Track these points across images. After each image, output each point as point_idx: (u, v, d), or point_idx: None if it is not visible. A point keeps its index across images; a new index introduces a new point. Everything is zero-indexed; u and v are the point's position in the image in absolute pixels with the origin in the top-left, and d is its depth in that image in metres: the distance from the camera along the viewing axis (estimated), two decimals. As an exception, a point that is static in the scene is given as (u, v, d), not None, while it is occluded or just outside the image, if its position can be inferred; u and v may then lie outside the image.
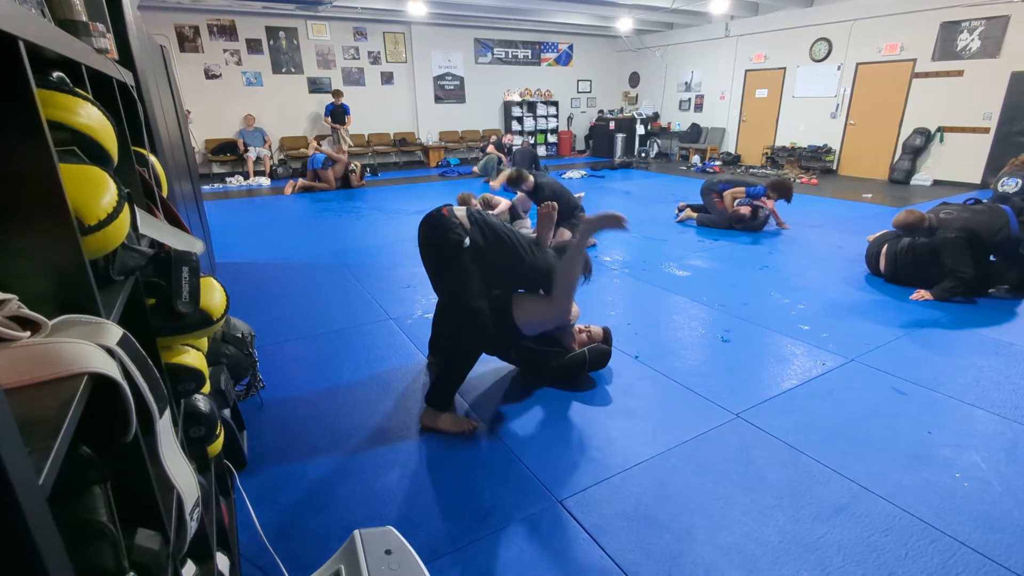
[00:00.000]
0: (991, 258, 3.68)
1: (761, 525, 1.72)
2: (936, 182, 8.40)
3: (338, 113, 9.54)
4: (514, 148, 9.35)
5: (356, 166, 8.63)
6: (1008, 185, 6.08)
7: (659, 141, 12.62)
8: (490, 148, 9.63)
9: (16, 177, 0.61)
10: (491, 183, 6.75)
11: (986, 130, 7.87)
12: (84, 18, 1.08)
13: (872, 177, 9.13)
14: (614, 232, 5.50)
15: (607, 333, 2.72)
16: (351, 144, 10.06)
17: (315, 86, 10.14)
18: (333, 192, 8.29)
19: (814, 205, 6.87)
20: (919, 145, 8.42)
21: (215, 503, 1.35)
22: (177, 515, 0.86)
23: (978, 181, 7.97)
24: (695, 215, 5.90)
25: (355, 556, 1.14)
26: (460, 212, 2.34)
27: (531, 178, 5.16)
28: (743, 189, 5.59)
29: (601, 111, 13.35)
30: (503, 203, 5.97)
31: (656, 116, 12.72)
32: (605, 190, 8.31)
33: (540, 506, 1.82)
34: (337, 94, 9.54)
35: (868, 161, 9.23)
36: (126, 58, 1.61)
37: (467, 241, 2.24)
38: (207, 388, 1.41)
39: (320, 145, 8.80)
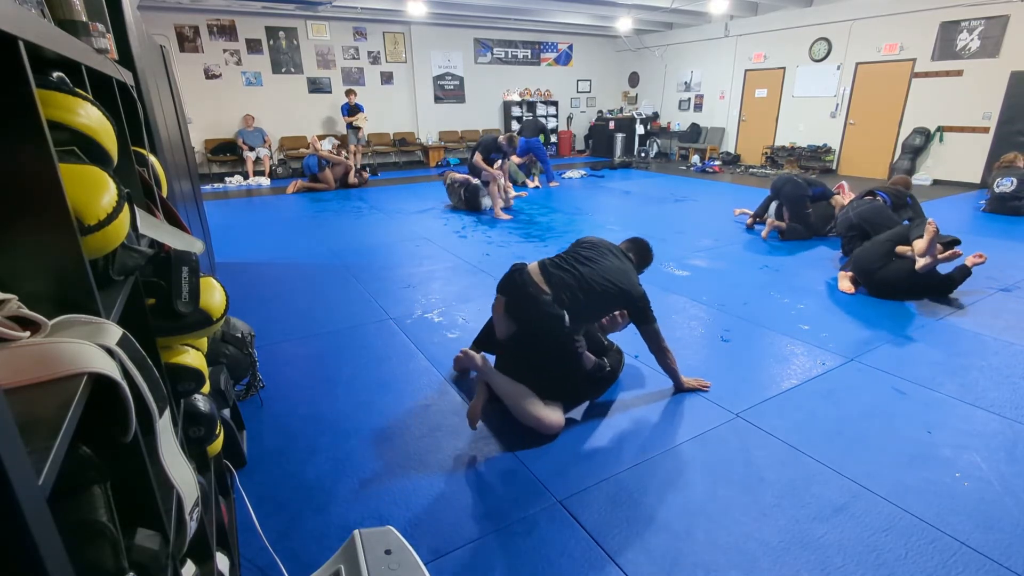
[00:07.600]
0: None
1: (761, 525, 1.72)
2: (936, 182, 8.40)
3: (353, 111, 9.64)
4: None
5: (356, 169, 8.67)
6: (1004, 185, 6.10)
7: (659, 141, 12.62)
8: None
9: (16, 177, 0.61)
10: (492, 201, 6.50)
11: (986, 130, 7.87)
12: (84, 18, 1.08)
13: (872, 177, 9.11)
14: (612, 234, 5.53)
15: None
16: (368, 141, 10.21)
17: (315, 86, 10.14)
18: (333, 192, 8.29)
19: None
20: (919, 145, 8.42)
21: (215, 503, 1.35)
22: (177, 515, 0.86)
23: (978, 181, 7.98)
24: (780, 225, 5.16)
25: (355, 556, 1.14)
26: (533, 269, 2.10)
27: (515, 138, 6.59)
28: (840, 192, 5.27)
29: (601, 111, 13.34)
30: (496, 172, 6.49)
31: (656, 116, 12.71)
32: (605, 190, 8.31)
33: (540, 506, 1.82)
34: (350, 93, 9.59)
35: (868, 161, 9.23)
36: (126, 58, 1.61)
37: (566, 316, 2.01)
38: (207, 388, 1.41)
39: (319, 145, 8.70)
